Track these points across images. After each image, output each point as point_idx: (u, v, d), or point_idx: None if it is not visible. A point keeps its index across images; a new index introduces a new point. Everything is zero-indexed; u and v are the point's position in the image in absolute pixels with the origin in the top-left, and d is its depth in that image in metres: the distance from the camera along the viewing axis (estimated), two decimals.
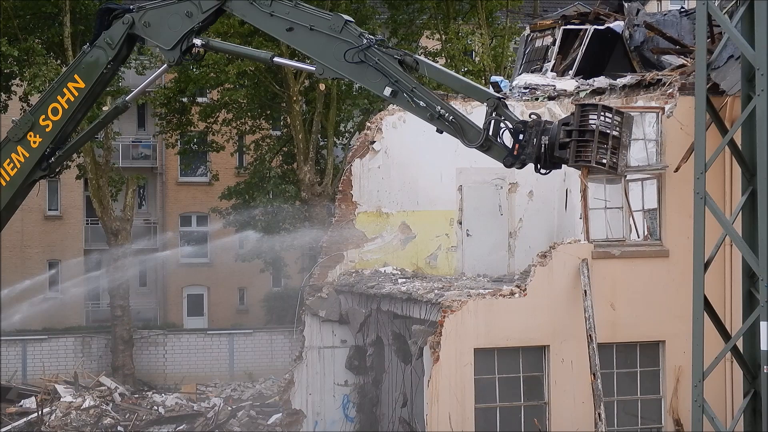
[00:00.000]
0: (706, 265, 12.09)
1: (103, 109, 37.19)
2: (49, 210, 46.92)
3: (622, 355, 19.52)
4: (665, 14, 25.19)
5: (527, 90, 23.71)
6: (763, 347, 11.46)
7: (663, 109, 19.69)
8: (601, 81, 22.58)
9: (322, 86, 35.51)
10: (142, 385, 38.84)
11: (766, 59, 11.55)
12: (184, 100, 39.28)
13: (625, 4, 24.43)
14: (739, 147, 12.11)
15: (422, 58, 12.60)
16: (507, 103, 12.25)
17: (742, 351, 11.97)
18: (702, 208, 11.98)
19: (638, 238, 19.96)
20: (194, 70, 37.32)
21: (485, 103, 12.10)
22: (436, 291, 19.44)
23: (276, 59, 13.68)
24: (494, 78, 26.85)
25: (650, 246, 19.89)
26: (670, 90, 20.13)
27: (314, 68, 12.63)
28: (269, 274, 43.95)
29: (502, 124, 11.97)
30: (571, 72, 23.33)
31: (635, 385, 19.61)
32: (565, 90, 22.93)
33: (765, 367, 11.51)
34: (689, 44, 22.63)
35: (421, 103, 12.17)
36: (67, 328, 42.50)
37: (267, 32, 13.26)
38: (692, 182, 12.13)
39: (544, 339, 18.90)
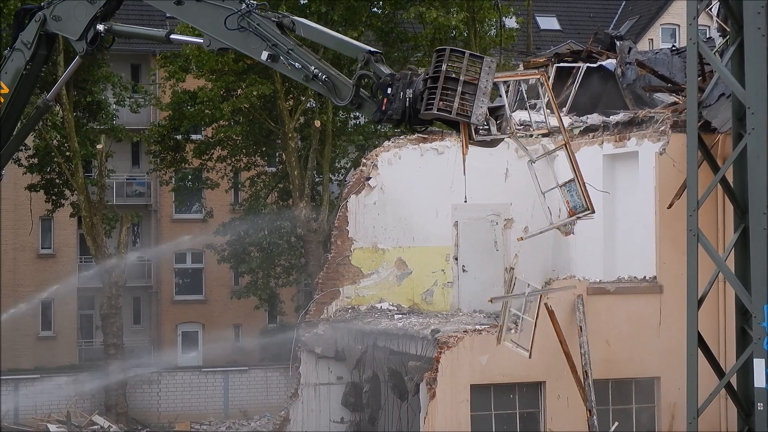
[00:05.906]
0: (700, 302, 12.15)
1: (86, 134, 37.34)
2: (42, 248, 46.81)
3: (617, 391, 19.54)
4: (657, 52, 25.39)
5: (521, 127, 23.71)
6: (756, 384, 11.49)
7: (546, 72, 19.10)
8: (594, 118, 22.71)
9: (317, 123, 35.65)
10: (135, 424, 38.57)
11: (756, 98, 11.68)
12: (179, 137, 39.33)
13: (617, 43, 24.63)
14: (731, 184, 12.21)
15: (300, 18, 12.17)
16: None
17: (735, 388, 12.01)
18: (695, 245, 12.06)
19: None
20: (189, 107, 37.43)
21: (357, 58, 11.61)
22: (432, 327, 19.48)
23: (172, 36, 13.52)
24: None
25: (645, 282, 19.98)
26: (663, 127, 20.28)
27: (202, 41, 12.43)
28: (264, 310, 43.86)
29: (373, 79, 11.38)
30: (564, 109, 23.46)
31: (630, 422, 19.61)
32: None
33: (759, 404, 11.54)
34: (680, 82, 22.81)
35: (297, 64, 11.76)
36: (60, 367, 42.28)
37: (160, 9, 13.27)
38: (685, 219, 12.22)
39: (539, 375, 18.92)
